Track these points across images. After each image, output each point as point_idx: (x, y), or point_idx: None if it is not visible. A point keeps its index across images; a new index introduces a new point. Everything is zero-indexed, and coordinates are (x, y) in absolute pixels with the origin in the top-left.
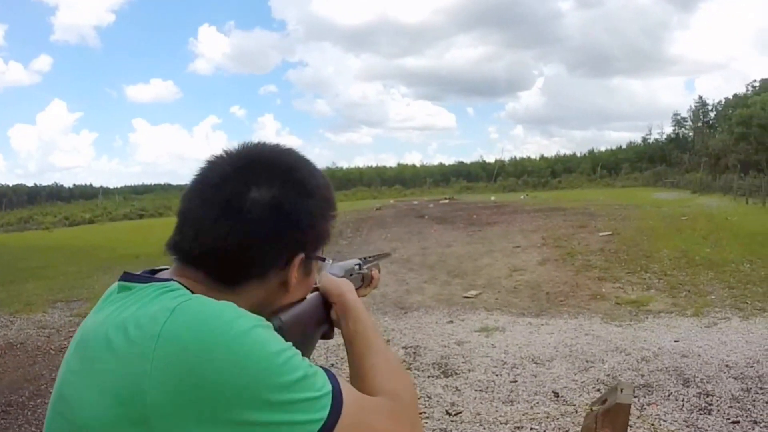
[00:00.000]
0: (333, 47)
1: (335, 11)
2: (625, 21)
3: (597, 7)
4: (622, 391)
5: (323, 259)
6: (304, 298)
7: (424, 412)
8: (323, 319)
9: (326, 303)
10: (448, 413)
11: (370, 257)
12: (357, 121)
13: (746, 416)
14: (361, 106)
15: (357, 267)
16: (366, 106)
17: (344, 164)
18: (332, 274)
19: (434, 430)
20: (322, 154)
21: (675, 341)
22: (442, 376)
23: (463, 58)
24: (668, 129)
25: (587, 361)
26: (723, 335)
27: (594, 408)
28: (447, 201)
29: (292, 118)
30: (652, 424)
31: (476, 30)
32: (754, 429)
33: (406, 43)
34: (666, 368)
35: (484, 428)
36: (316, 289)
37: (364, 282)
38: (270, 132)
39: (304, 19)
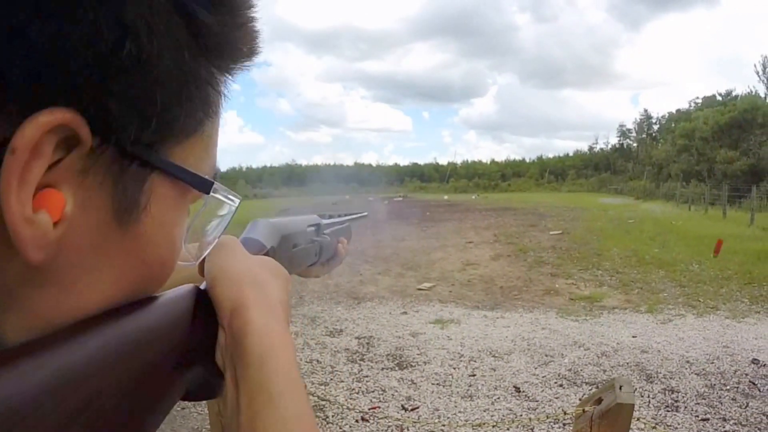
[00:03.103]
0: (296, 48)
1: (299, 16)
2: (576, 36)
3: (551, 21)
4: (621, 388)
5: (205, 185)
6: (134, 305)
7: (379, 407)
8: (192, 358)
9: (209, 316)
10: (404, 408)
11: (337, 215)
12: (317, 120)
13: (715, 413)
14: (321, 106)
15: (312, 229)
16: (326, 107)
17: (303, 162)
18: (250, 239)
19: (390, 427)
20: (283, 151)
21: (633, 337)
22: (396, 368)
23: (421, 64)
24: (614, 139)
25: (546, 356)
26: (680, 332)
27: (587, 409)
28: (401, 199)
29: (255, 115)
30: None
31: (434, 38)
32: (724, 426)
33: (367, 48)
34: (627, 363)
35: (444, 426)
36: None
37: (320, 256)
38: (233, 128)
39: (269, 20)
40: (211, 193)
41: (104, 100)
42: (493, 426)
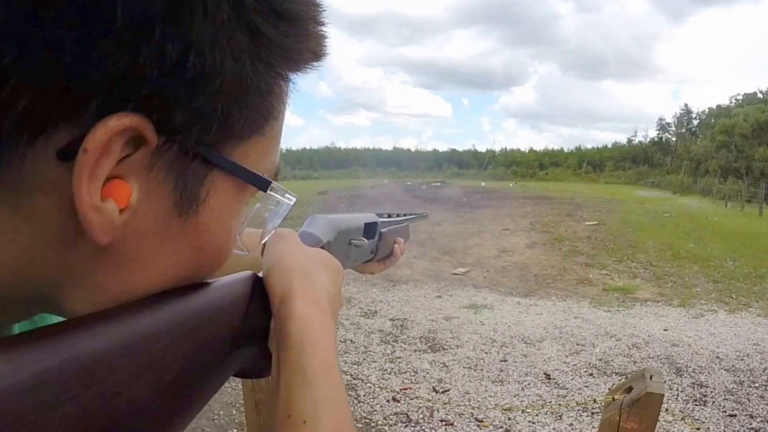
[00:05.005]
0: (338, 32)
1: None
2: (618, 28)
3: (594, 12)
4: (651, 378)
5: (262, 183)
6: (200, 286)
7: (410, 388)
8: (247, 339)
9: (263, 302)
10: (435, 390)
11: (395, 215)
12: (356, 104)
13: (742, 410)
14: (361, 90)
15: (369, 227)
16: (366, 91)
17: (342, 145)
18: (307, 233)
19: (421, 408)
20: (322, 134)
21: (664, 330)
22: (429, 350)
23: (463, 51)
24: (652, 132)
25: (578, 344)
26: (711, 327)
27: (617, 397)
28: (439, 184)
29: (295, 97)
30: None
31: (477, 26)
32: (751, 423)
33: (408, 33)
34: (658, 356)
35: (473, 409)
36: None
37: (377, 253)
38: None
39: None
40: (268, 191)
41: (169, 108)
42: (522, 411)
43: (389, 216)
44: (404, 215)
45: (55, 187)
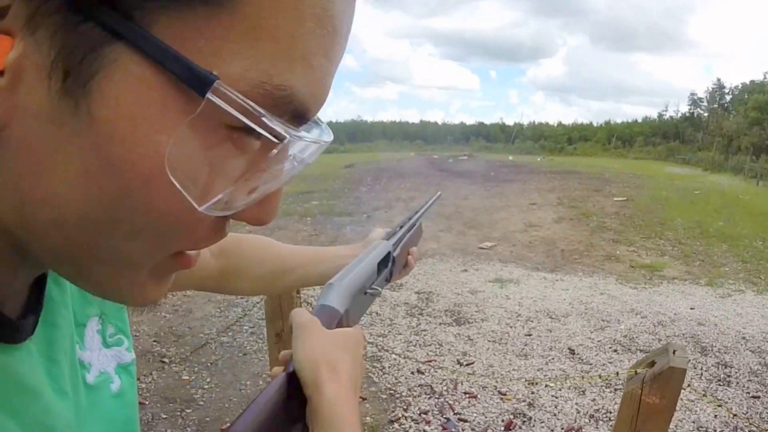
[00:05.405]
0: (363, 3)
1: None
2: (649, 0)
3: None
4: (675, 352)
5: (199, 80)
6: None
7: (435, 360)
8: (294, 420)
9: (299, 393)
10: (459, 363)
11: (408, 219)
12: (383, 77)
13: (766, 392)
14: (388, 62)
15: (385, 261)
16: (392, 63)
17: (368, 118)
18: (325, 307)
19: (445, 380)
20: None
21: (691, 308)
22: (454, 324)
23: (490, 22)
24: (684, 108)
25: (603, 320)
26: (738, 307)
27: (639, 370)
28: (466, 158)
29: None
30: None
31: None
32: None
33: (435, 4)
34: (683, 334)
35: (497, 382)
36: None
37: (392, 275)
38: None
39: None
40: (212, 96)
41: None
42: (546, 385)
43: (401, 227)
44: (418, 212)
45: None
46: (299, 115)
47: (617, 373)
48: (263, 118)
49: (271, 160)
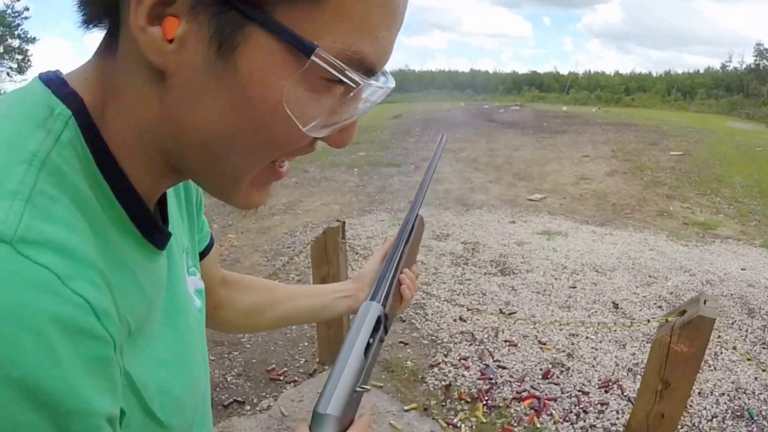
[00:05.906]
0: None
1: None
2: None
3: None
4: (705, 302)
5: (305, 47)
6: None
7: (477, 308)
8: None
9: None
10: (501, 312)
11: (387, 274)
12: (430, 24)
13: None
14: (435, 9)
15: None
16: (439, 10)
17: (417, 67)
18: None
19: (486, 327)
20: (395, 57)
21: (742, 269)
22: (499, 274)
23: None
24: (749, 59)
25: (650, 276)
26: None
27: (670, 319)
28: (518, 108)
29: None
30: (714, 351)
31: None
32: None
33: None
34: (732, 294)
35: (537, 330)
36: None
37: (389, 323)
38: None
39: None
40: (314, 58)
41: None
42: (586, 337)
43: (385, 276)
44: (408, 220)
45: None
46: (369, 70)
47: (648, 320)
48: (346, 71)
49: (350, 99)
